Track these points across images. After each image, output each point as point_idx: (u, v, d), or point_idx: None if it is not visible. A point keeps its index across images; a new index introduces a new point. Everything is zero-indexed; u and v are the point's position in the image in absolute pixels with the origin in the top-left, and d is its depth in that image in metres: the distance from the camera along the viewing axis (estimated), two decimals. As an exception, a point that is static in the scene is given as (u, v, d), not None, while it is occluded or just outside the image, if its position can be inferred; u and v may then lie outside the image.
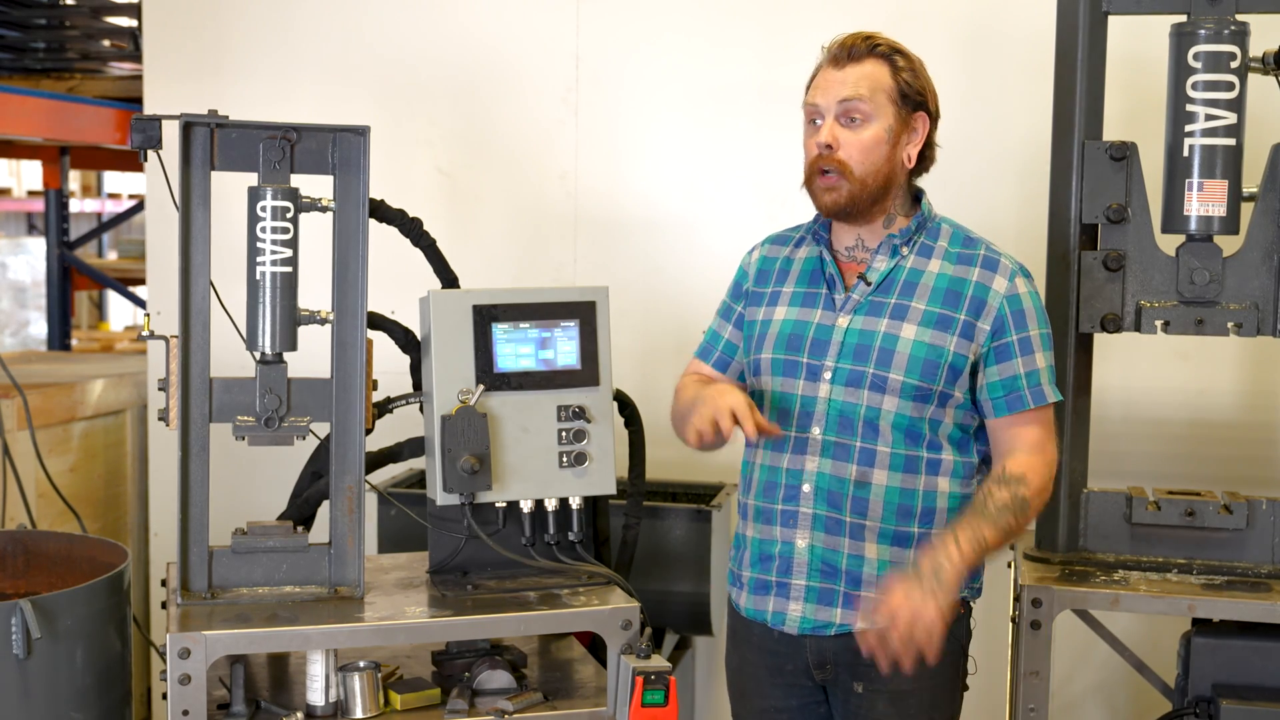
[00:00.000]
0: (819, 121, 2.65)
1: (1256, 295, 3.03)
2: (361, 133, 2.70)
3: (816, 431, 2.66)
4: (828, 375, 2.66)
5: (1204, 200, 3.01)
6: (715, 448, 2.68)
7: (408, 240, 2.95)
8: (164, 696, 2.52)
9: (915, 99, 2.66)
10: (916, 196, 2.75)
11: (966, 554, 2.50)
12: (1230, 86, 2.98)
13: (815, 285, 2.74)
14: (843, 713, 2.74)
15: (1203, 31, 2.98)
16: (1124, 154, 3.06)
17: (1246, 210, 3.04)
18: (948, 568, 2.47)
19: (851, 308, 2.68)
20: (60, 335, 6.67)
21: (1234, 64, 2.97)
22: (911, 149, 2.67)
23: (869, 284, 2.68)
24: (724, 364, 2.88)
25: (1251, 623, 2.97)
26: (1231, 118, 2.98)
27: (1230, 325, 3.04)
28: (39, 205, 10.03)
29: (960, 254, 2.69)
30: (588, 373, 2.79)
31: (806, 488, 2.66)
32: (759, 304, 2.80)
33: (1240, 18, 2.99)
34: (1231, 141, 2.99)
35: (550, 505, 2.79)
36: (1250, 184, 3.04)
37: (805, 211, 2.85)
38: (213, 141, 2.65)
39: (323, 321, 2.71)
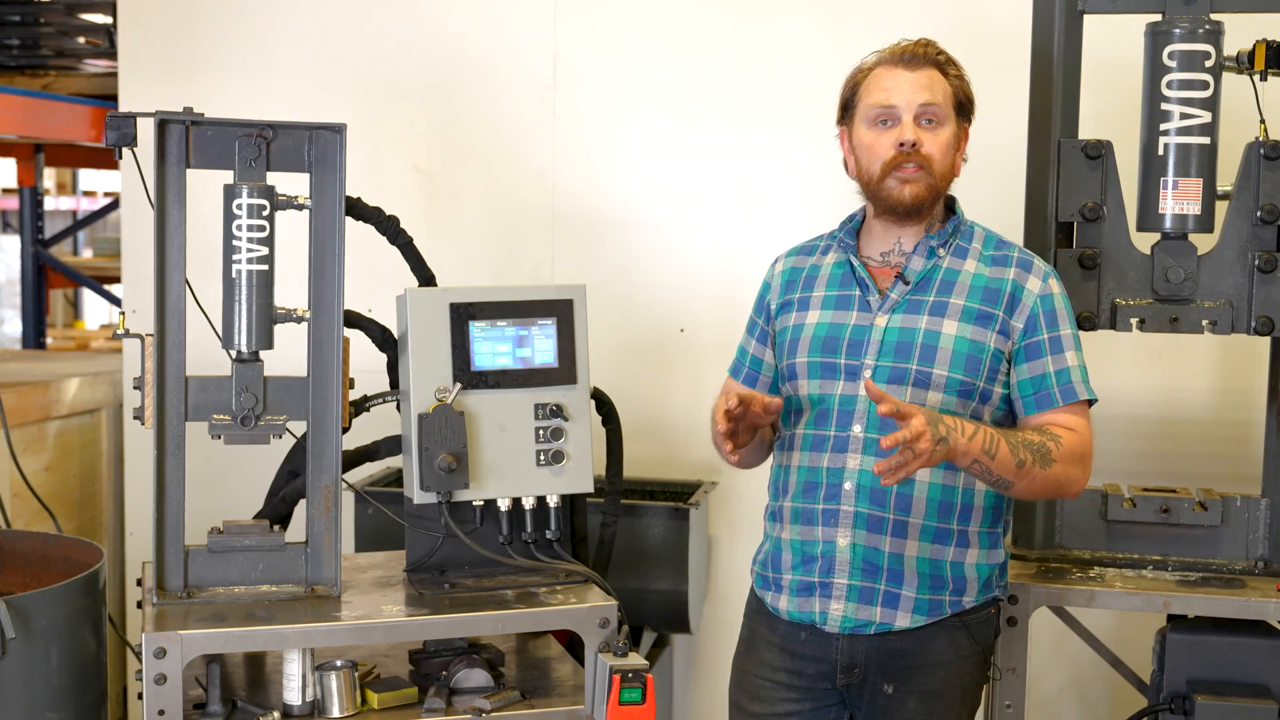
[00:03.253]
0: (889, 123, 2.66)
1: (1231, 293, 3.05)
2: (338, 130, 2.69)
3: (858, 430, 2.64)
4: (868, 374, 2.64)
5: (1179, 198, 3.02)
6: (755, 460, 2.83)
7: (384, 238, 2.95)
8: (140, 696, 2.50)
9: (967, 109, 2.72)
10: (949, 202, 2.78)
11: (975, 442, 2.47)
12: (1205, 85, 2.99)
13: (847, 288, 2.74)
14: (868, 714, 2.72)
15: (1178, 30, 2.99)
16: (1099, 152, 3.08)
17: (1221, 209, 3.06)
18: (958, 436, 2.44)
19: (890, 307, 2.68)
20: (35, 333, 6.65)
21: (1209, 63, 2.99)
22: (960, 158, 2.73)
23: (907, 283, 2.69)
24: (752, 379, 2.88)
25: (1226, 619, 2.99)
26: (1206, 116, 3.00)
27: (1205, 323, 3.05)
28: (13, 203, 9.98)
29: (995, 256, 2.72)
30: (565, 371, 2.78)
31: (848, 486, 2.65)
32: (789, 311, 2.80)
33: (1215, 17, 3.01)
34: (1206, 140, 3.00)
35: (528, 504, 2.79)
36: (1225, 182, 3.06)
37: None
38: (188, 139, 2.64)
39: (299, 320, 2.71)
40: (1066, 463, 2.59)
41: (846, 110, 2.76)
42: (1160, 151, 3.02)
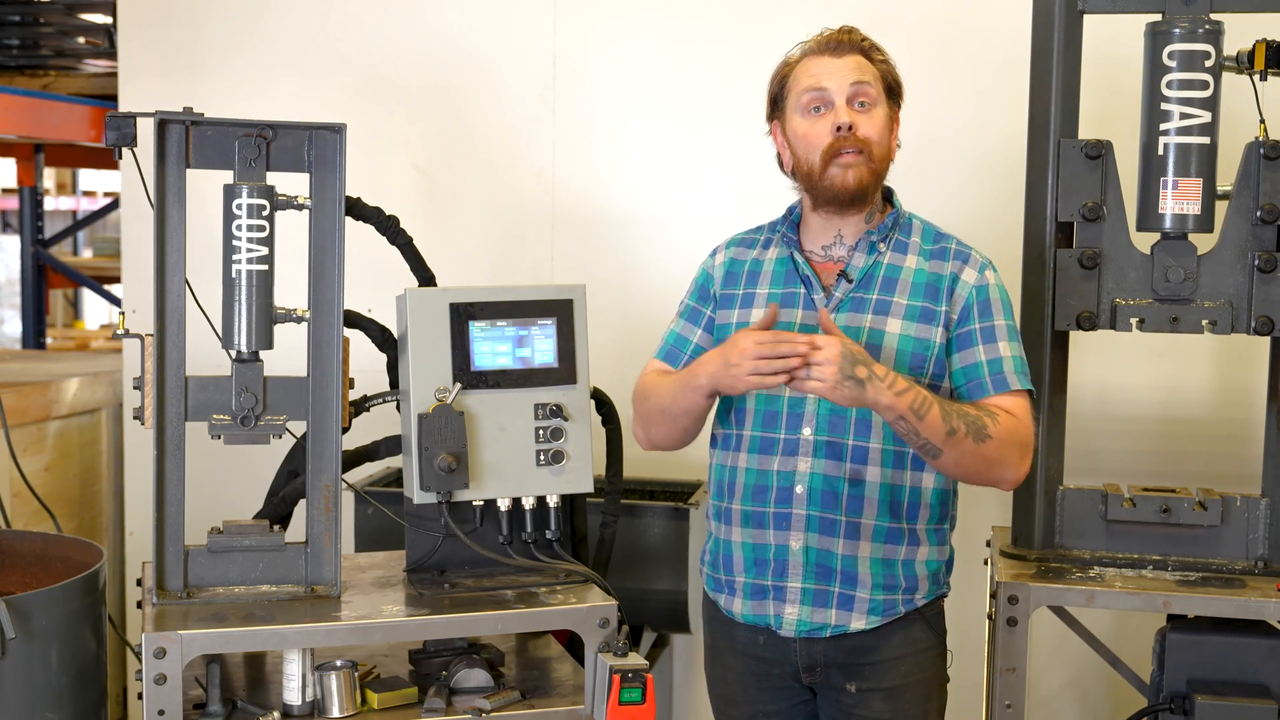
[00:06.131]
0: (822, 108, 2.64)
1: (1230, 293, 3.05)
2: (338, 130, 2.69)
3: (807, 432, 2.64)
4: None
5: (1179, 198, 3.02)
6: (686, 438, 2.76)
7: (384, 238, 2.95)
8: (140, 696, 2.50)
9: (896, 92, 2.70)
10: (886, 194, 2.76)
11: (904, 398, 2.44)
12: (1205, 85, 2.99)
13: (791, 285, 2.73)
14: (833, 713, 2.73)
15: (1177, 30, 2.99)
16: (1099, 152, 3.08)
17: (1221, 208, 3.06)
18: (883, 387, 2.43)
19: (835, 305, 2.67)
20: (35, 334, 6.65)
21: (1208, 63, 2.99)
22: (894, 141, 2.70)
23: (851, 281, 2.68)
24: None
25: (1226, 619, 2.99)
26: (1206, 116, 3.00)
27: (1205, 323, 3.05)
28: (13, 203, 9.97)
29: (934, 250, 2.71)
30: (565, 371, 2.78)
31: (799, 489, 2.64)
32: (731, 306, 2.78)
33: (1215, 17, 3.01)
34: (1206, 140, 3.00)
35: (527, 503, 2.78)
36: (1225, 182, 3.05)
37: (782, 209, 2.85)
38: (188, 139, 2.64)
39: (299, 320, 2.71)
40: (1002, 442, 2.55)
41: (776, 104, 2.74)
42: (1160, 151, 3.02)
